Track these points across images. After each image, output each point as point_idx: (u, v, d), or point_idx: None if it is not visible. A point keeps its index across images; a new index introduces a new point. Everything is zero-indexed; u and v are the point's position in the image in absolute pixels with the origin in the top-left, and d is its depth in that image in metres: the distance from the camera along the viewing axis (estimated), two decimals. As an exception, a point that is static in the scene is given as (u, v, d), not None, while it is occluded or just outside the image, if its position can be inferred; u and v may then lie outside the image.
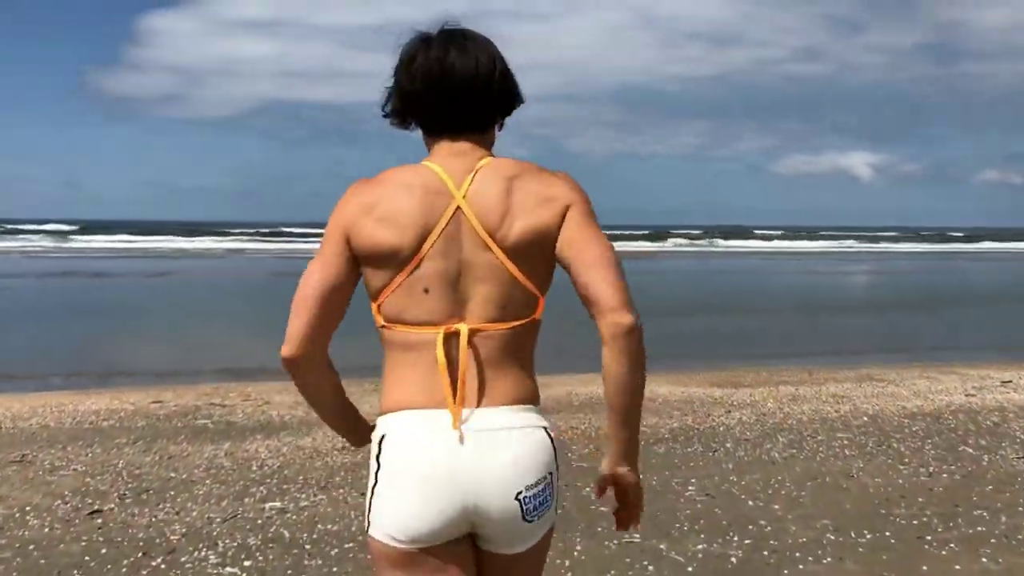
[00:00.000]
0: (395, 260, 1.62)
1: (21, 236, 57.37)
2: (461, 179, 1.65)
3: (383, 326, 1.67)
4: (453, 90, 1.66)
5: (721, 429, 6.73)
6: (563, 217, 1.65)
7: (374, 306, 1.68)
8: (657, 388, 8.83)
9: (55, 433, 6.60)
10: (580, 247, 1.63)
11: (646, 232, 77.53)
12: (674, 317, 17.29)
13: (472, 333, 1.62)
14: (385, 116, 1.74)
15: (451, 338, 1.62)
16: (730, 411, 7.54)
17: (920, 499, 4.86)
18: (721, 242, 65.14)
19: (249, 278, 28.59)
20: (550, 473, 1.66)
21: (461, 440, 1.60)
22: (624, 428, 1.67)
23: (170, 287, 24.34)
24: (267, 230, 70.17)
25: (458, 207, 1.62)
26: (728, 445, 6.15)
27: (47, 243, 52.26)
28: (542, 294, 1.69)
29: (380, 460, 1.64)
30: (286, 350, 1.66)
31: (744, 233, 77.97)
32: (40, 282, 25.22)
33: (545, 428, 1.67)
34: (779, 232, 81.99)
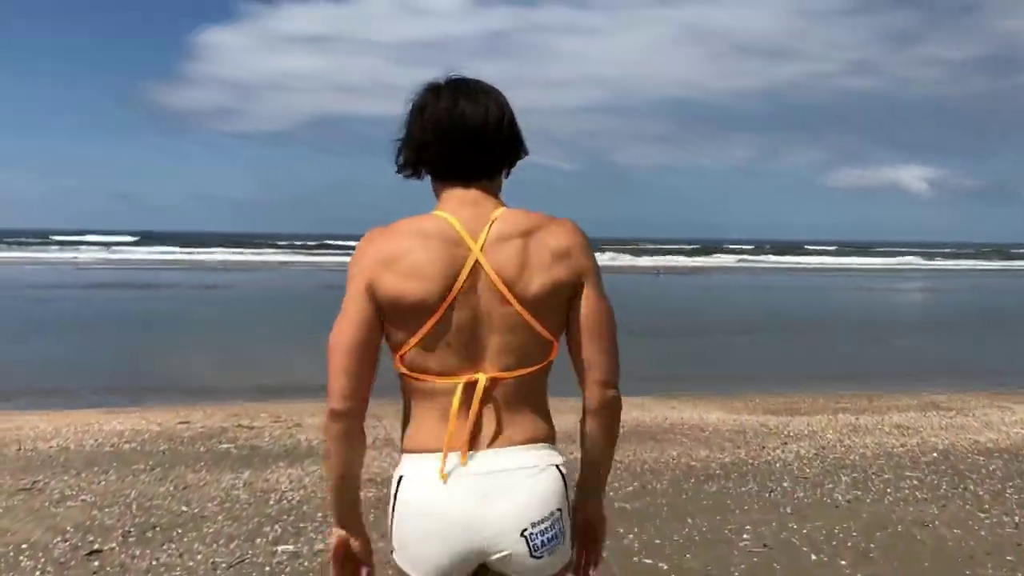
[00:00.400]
0: (419, 313, 1.65)
1: (76, 247, 58.36)
2: (476, 231, 1.68)
3: (404, 374, 1.71)
4: (463, 137, 1.70)
5: (778, 465, 6.21)
6: (577, 276, 1.71)
7: (396, 356, 1.71)
8: (707, 415, 8.33)
9: (72, 457, 6.31)
10: (594, 320, 1.72)
11: (695, 246, 76.61)
12: (724, 336, 16.73)
13: (490, 381, 1.68)
14: (398, 170, 1.78)
15: (469, 386, 1.67)
16: (786, 443, 7.02)
17: (1009, 557, 4.31)
18: (772, 257, 63.97)
19: (294, 290, 28.51)
20: (559, 509, 1.70)
21: (472, 481, 1.65)
22: (597, 472, 1.83)
23: (215, 300, 24.32)
24: (314, 243, 70.67)
25: (476, 260, 1.66)
26: (786, 484, 5.64)
27: (99, 255, 53.01)
28: (556, 339, 1.73)
29: (396, 498, 1.70)
30: (332, 405, 1.68)
31: (795, 248, 76.61)
32: (87, 293, 25.38)
33: (556, 466, 1.72)
34: (833, 248, 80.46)
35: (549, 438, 1.75)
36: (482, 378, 1.67)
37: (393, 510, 1.71)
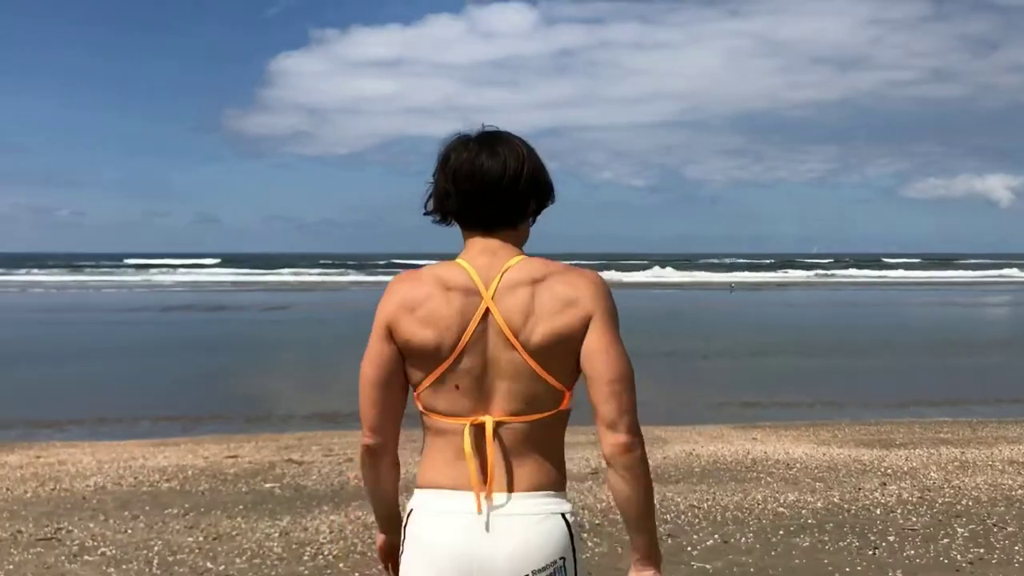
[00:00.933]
0: (433, 358, 1.71)
1: (155, 269, 59.71)
2: (490, 279, 1.72)
3: (421, 412, 1.78)
4: (481, 189, 1.73)
5: (878, 512, 5.47)
6: (585, 324, 1.69)
7: (414, 394, 1.78)
8: (793, 449, 7.59)
9: (106, 499, 5.92)
10: (595, 362, 1.69)
11: (770, 260, 74.91)
12: (805, 356, 15.81)
13: (497, 425, 1.70)
14: (426, 213, 1.82)
15: (477, 428, 1.71)
16: (885, 483, 6.26)
17: None
18: (852, 271, 61.95)
19: (363, 311, 28.38)
20: (562, 558, 1.70)
21: (477, 523, 1.68)
22: (640, 534, 1.74)
23: (284, 320, 24.23)
24: (383, 262, 71.17)
25: (487, 308, 1.70)
26: (891, 538, 4.91)
27: (175, 277, 54.03)
28: (568, 388, 1.73)
29: (406, 531, 1.75)
30: (363, 439, 1.79)
31: (874, 262, 74.22)
32: (158, 316, 25.57)
33: (563, 514, 1.72)
34: (916, 260, 77.67)
35: (558, 485, 1.75)
36: (489, 421, 1.70)
37: (403, 541, 1.77)
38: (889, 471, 6.69)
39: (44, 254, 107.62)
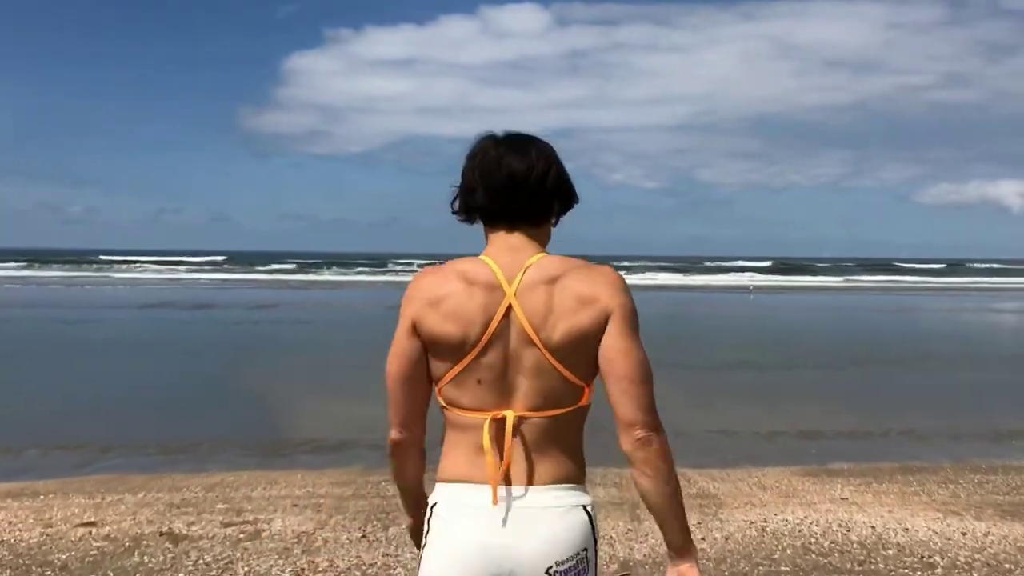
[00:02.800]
0: (456, 353, 1.71)
1: (157, 267, 57.67)
2: (512, 276, 1.72)
3: (442, 407, 1.77)
4: (508, 184, 1.75)
5: None
6: (603, 322, 1.70)
7: (436, 388, 1.77)
8: (912, 522, 5.19)
9: None
10: (612, 360, 1.69)
11: (784, 264, 72.65)
12: (850, 370, 13.31)
13: (517, 419, 1.70)
14: (453, 212, 1.83)
15: (498, 422, 1.70)
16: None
17: None
18: (867, 277, 59.43)
19: (360, 311, 25.98)
20: (584, 550, 1.70)
21: (499, 516, 1.67)
22: (670, 528, 1.73)
23: (261, 320, 21.77)
24: (403, 261, 69.33)
25: (509, 304, 1.70)
26: None
27: (167, 275, 51.93)
28: (587, 384, 1.73)
29: (430, 524, 1.74)
30: (390, 433, 1.81)
31: (888, 266, 71.73)
32: (118, 314, 23.24)
33: (584, 506, 1.71)
34: (941, 266, 75.14)
35: (578, 479, 1.74)
36: (510, 415, 1.69)
37: (425, 534, 1.76)
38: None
39: (46, 250, 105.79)
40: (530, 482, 1.69)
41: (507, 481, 1.69)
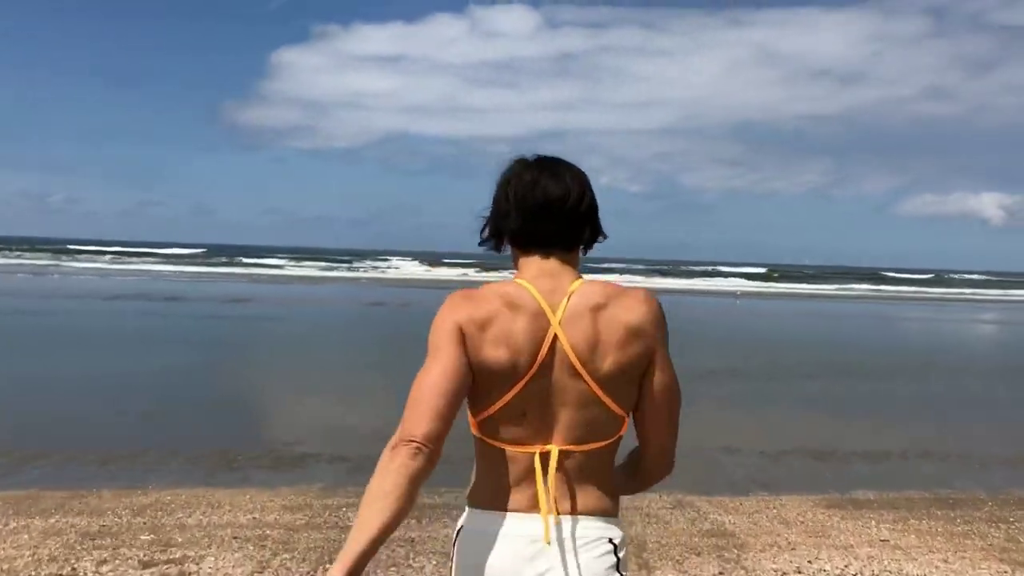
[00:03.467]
0: (504, 381, 1.62)
1: (127, 258, 56.45)
2: (555, 303, 1.66)
3: (479, 437, 1.68)
4: (544, 207, 1.70)
5: None
6: (649, 356, 1.67)
7: (472, 418, 1.68)
8: (979, 575, 4.32)
9: None
10: (659, 393, 1.68)
11: (768, 271, 72.31)
12: (850, 381, 12.47)
13: (561, 454, 1.64)
14: (481, 243, 1.78)
15: (543, 456, 1.64)
16: None
17: None
18: (857, 285, 58.92)
19: (335, 309, 24.99)
20: None
21: (527, 547, 1.62)
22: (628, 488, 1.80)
23: (239, 316, 20.77)
24: (381, 257, 68.43)
25: (555, 334, 1.63)
26: None
27: (140, 266, 50.71)
28: (628, 414, 1.69)
29: (456, 548, 1.69)
30: (412, 446, 1.51)
31: (874, 276, 71.32)
32: (74, 305, 22.15)
33: (611, 539, 1.66)
34: (927, 276, 74.79)
35: (611, 512, 1.69)
36: (554, 450, 1.63)
37: (453, 558, 1.71)
38: None
39: (20, 238, 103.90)
40: (566, 513, 1.65)
41: (542, 512, 1.63)
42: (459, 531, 1.70)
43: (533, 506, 1.63)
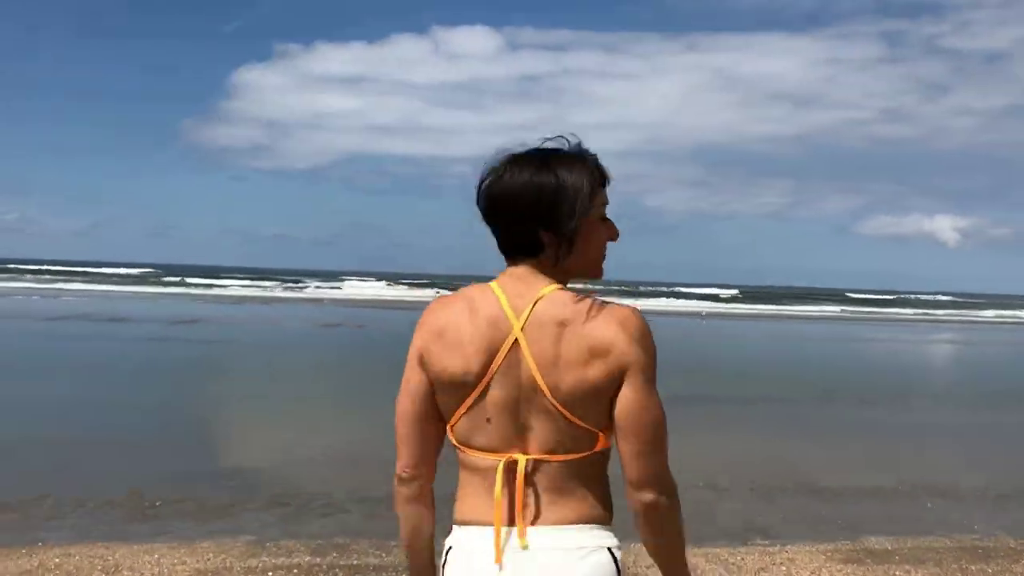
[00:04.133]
0: (461, 387, 1.59)
1: (96, 278, 54.81)
2: (520, 309, 1.58)
3: (455, 446, 1.66)
4: (500, 212, 1.61)
5: None
6: (617, 375, 1.55)
7: (448, 427, 1.65)
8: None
9: None
10: (626, 417, 1.56)
11: (733, 292, 72.31)
12: (840, 406, 11.73)
13: (533, 463, 1.59)
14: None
15: (511, 464, 1.60)
16: None
17: None
18: (828, 307, 58.81)
19: (287, 330, 23.88)
20: None
21: (516, 559, 1.57)
22: (668, 571, 1.68)
23: (183, 338, 19.56)
24: (344, 278, 67.48)
25: (516, 340, 1.56)
26: None
27: (86, 286, 49.06)
28: (602, 430, 1.59)
29: (444, 568, 1.66)
30: (397, 471, 1.66)
31: (839, 296, 71.44)
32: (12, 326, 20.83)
33: (609, 548, 1.59)
34: (889, 296, 75.03)
35: (601, 520, 1.62)
36: (522, 459, 1.58)
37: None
38: None
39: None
40: (545, 523, 1.57)
41: (526, 523, 1.57)
42: (447, 551, 1.65)
43: (513, 518, 1.57)
